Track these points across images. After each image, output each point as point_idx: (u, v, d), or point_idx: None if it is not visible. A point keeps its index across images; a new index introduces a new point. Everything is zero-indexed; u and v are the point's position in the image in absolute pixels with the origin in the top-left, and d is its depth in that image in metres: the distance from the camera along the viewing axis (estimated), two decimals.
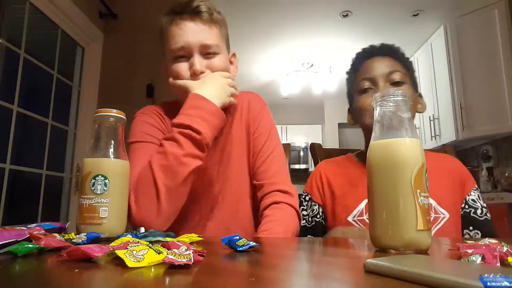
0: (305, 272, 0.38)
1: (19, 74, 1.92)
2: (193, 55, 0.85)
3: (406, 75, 0.92)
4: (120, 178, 0.61)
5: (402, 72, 0.91)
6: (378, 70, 0.91)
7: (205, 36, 0.85)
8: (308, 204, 0.99)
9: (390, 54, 0.94)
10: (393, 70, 0.90)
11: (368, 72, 0.92)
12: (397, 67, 0.91)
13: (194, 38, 0.84)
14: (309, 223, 0.97)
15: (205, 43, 0.85)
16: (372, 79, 0.91)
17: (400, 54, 0.96)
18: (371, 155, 0.51)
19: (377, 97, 0.52)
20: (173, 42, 0.85)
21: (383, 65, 0.91)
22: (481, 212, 0.90)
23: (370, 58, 0.94)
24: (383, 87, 0.89)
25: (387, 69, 0.90)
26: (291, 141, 6.16)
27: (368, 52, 0.97)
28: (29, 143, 2.14)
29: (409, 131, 0.49)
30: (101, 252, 0.36)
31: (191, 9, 0.85)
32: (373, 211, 0.49)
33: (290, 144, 1.29)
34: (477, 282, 0.23)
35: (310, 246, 0.60)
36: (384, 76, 0.90)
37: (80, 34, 2.42)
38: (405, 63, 0.95)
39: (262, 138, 0.93)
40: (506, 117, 2.93)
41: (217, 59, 0.87)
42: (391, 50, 0.96)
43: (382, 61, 0.92)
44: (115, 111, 0.64)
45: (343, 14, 3.42)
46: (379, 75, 0.90)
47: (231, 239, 0.46)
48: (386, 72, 0.90)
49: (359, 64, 0.96)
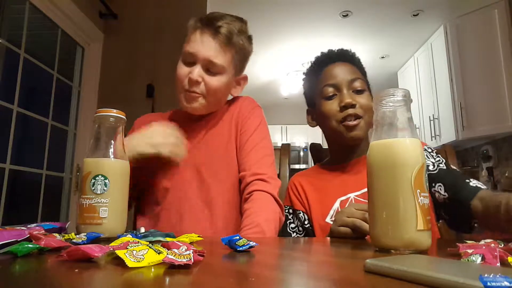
0: (305, 272, 0.38)
1: (19, 74, 1.92)
2: (196, 65, 0.90)
3: (365, 83, 0.97)
4: (120, 178, 0.61)
5: (362, 79, 0.95)
6: (341, 76, 0.94)
7: (214, 54, 0.89)
8: (293, 216, 1.00)
9: (350, 61, 0.99)
10: (355, 77, 0.94)
11: (332, 78, 0.95)
12: (358, 75, 0.96)
13: (203, 51, 0.89)
14: (300, 233, 0.98)
15: (211, 60, 0.89)
16: (335, 85, 0.94)
17: (358, 61, 1.01)
18: (371, 155, 0.51)
19: (377, 97, 0.52)
20: (188, 45, 0.92)
21: (345, 72, 0.95)
22: (433, 167, 0.90)
23: (332, 64, 0.97)
24: (347, 95, 0.92)
25: (349, 75, 0.94)
26: (291, 141, 6.16)
27: (329, 57, 1.00)
28: (29, 143, 2.14)
29: (409, 131, 0.49)
30: (101, 252, 0.36)
31: (214, 27, 0.90)
32: (373, 211, 0.49)
33: (290, 144, 1.29)
34: (477, 282, 0.23)
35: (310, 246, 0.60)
36: (347, 83, 0.94)
37: (80, 34, 2.42)
38: (363, 70, 1.00)
39: (248, 133, 0.95)
40: (506, 117, 2.93)
41: (217, 78, 0.91)
42: (351, 57, 1.00)
43: (343, 67, 0.96)
44: (115, 111, 0.64)
45: (343, 14, 3.42)
46: (343, 81, 0.94)
47: (231, 239, 0.46)
48: (348, 79, 0.94)
49: (321, 69, 0.99)
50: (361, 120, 0.92)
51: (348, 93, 0.93)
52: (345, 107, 0.91)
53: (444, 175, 0.88)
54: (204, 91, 0.91)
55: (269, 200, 0.85)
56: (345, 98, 0.92)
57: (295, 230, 0.99)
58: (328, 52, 1.02)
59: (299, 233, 0.98)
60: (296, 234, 0.98)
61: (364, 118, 0.92)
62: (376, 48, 4.16)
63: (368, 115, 0.93)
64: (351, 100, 0.91)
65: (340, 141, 0.95)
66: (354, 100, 0.92)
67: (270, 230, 0.80)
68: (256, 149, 0.93)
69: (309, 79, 1.06)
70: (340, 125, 0.92)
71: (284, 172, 1.19)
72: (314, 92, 1.01)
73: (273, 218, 0.84)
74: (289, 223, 1.00)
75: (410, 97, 0.51)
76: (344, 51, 1.01)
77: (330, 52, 1.02)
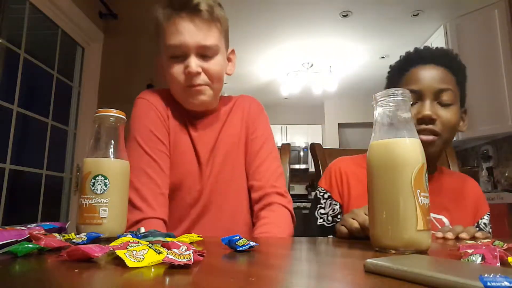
0: (305, 272, 0.38)
1: (19, 74, 1.92)
2: (189, 55, 0.82)
3: (457, 94, 0.83)
4: (120, 178, 0.61)
5: (454, 91, 0.81)
6: (428, 83, 0.80)
7: (204, 37, 0.82)
8: (327, 203, 0.93)
9: (445, 64, 0.83)
10: (445, 88, 0.80)
11: (417, 82, 0.81)
12: (450, 84, 0.81)
13: (191, 39, 0.81)
14: (328, 222, 0.91)
15: (203, 44, 0.82)
16: (419, 91, 0.81)
17: (456, 65, 0.85)
18: (371, 155, 0.51)
19: (377, 97, 0.52)
20: (169, 39, 0.82)
21: (434, 78, 0.81)
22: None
23: (422, 65, 0.83)
24: (429, 106, 0.79)
25: (438, 84, 0.80)
26: (291, 141, 6.16)
27: (421, 56, 0.86)
28: (29, 143, 2.14)
29: (409, 131, 0.49)
30: (101, 252, 0.36)
31: (191, 7, 0.80)
32: (373, 211, 0.49)
33: (290, 144, 1.29)
34: (477, 282, 0.23)
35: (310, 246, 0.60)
36: (434, 93, 0.80)
37: (80, 34, 2.42)
38: (460, 77, 0.85)
39: (260, 140, 0.93)
40: (506, 117, 2.93)
41: (214, 61, 0.85)
42: (448, 60, 0.85)
43: (434, 72, 0.82)
44: (115, 111, 0.64)
45: (343, 14, 3.42)
46: (428, 90, 0.80)
47: (231, 239, 0.46)
48: (436, 88, 0.80)
49: (407, 69, 0.86)
50: (437, 138, 0.80)
51: (431, 104, 0.79)
52: (422, 119, 0.79)
53: None
54: (207, 80, 0.84)
55: (287, 218, 0.87)
56: (425, 110, 0.78)
57: (324, 217, 0.91)
58: (422, 49, 0.87)
59: (327, 222, 0.91)
60: (324, 222, 0.91)
61: (441, 137, 0.80)
62: (376, 48, 4.16)
63: (449, 132, 0.80)
64: (431, 114, 0.78)
65: None
66: (436, 113, 0.79)
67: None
68: (270, 159, 0.92)
69: (392, 75, 0.91)
70: None
71: (284, 172, 1.19)
72: None
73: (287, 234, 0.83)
74: (319, 207, 0.92)
75: (410, 97, 0.51)
76: (442, 52, 0.86)
77: (425, 50, 0.86)
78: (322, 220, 0.92)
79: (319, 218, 0.92)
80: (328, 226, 0.91)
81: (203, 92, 0.84)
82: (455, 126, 0.83)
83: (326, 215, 0.92)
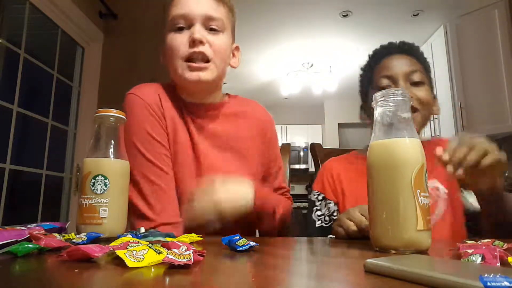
0: (305, 272, 0.38)
1: (19, 74, 1.92)
2: (195, 25, 0.79)
3: (425, 76, 0.91)
4: (120, 178, 0.61)
5: (421, 72, 0.89)
6: (398, 68, 0.89)
7: (211, 8, 0.80)
8: (322, 204, 0.96)
9: (410, 53, 0.92)
10: (414, 69, 0.88)
11: (388, 69, 0.90)
12: (417, 67, 0.90)
13: (198, 8, 0.79)
14: (326, 222, 0.93)
15: (209, 14, 0.80)
16: (391, 77, 0.89)
17: (420, 53, 0.95)
18: (371, 155, 0.51)
19: (377, 97, 0.52)
20: (174, 8, 0.80)
21: (403, 64, 0.89)
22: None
23: (390, 56, 0.92)
24: (403, 86, 0.86)
25: (407, 68, 0.88)
26: (291, 141, 6.16)
27: (387, 49, 0.95)
28: (29, 143, 2.14)
29: (409, 131, 0.49)
30: (101, 252, 0.36)
31: None
32: (373, 211, 0.49)
33: (290, 144, 1.29)
34: (477, 282, 0.23)
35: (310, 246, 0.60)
36: (405, 75, 0.88)
37: (80, 34, 2.42)
38: (424, 63, 0.93)
39: (275, 148, 1.00)
40: (506, 117, 2.93)
41: (221, 37, 0.82)
42: (411, 49, 0.94)
43: (402, 59, 0.90)
44: (115, 111, 0.64)
45: (343, 14, 3.42)
46: (400, 73, 0.88)
47: (231, 239, 0.46)
48: (407, 71, 0.88)
49: (377, 61, 0.94)
50: (416, 114, 0.87)
51: (405, 86, 0.87)
52: None
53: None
54: (210, 53, 0.80)
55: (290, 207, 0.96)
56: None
57: (321, 218, 0.95)
58: (387, 44, 0.97)
59: (325, 223, 0.93)
60: (322, 223, 0.94)
61: (420, 112, 0.87)
62: None
63: (425, 109, 0.88)
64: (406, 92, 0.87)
65: None
66: (411, 92, 0.85)
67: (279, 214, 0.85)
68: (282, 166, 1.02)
69: (365, 73, 1.00)
70: None
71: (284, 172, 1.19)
72: (369, 85, 0.96)
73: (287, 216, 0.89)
74: (315, 209, 0.96)
75: (410, 97, 0.51)
76: (405, 43, 0.95)
77: (390, 44, 0.96)
78: (320, 221, 0.94)
79: (317, 220, 0.94)
80: (326, 226, 0.93)
81: (202, 69, 0.80)
82: (430, 103, 0.90)
83: (323, 216, 0.95)
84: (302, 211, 4.85)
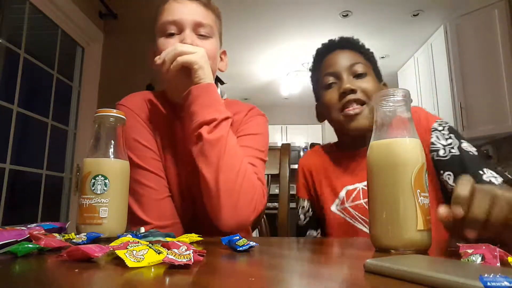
0: (305, 272, 0.38)
1: (19, 74, 1.91)
2: (185, 30, 0.82)
3: (368, 67, 0.92)
4: (120, 178, 0.61)
5: (363, 63, 0.91)
6: (340, 63, 0.90)
7: (200, 15, 0.84)
8: (299, 206, 1.00)
9: (349, 47, 0.94)
10: (355, 62, 0.89)
11: (331, 67, 0.91)
12: (358, 59, 0.91)
13: (188, 15, 0.82)
14: (301, 221, 0.98)
15: (199, 20, 0.83)
16: (335, 73, 0.90)
17: (359, 46, 0.96)
18: (371, 155, 0.51)
19: (377, 97, 0.52)
20: (165, 15, 0.83)
21: (344, 58, 0.91)
22: (444, 152, 0.81)
23: (331, 53, 0.94)
24: (346, 80, 0.87)
25: (348, 61, 0.90)
26: (291, 141, 6.15)
27: (328, 47, 0.97)
28: (29, 143, 2.14)
29: (409, 131, 0.49)
30: (101, 252, 0.36)
31: None
32: (373, 211, 0.49)
33: (290, 144, 1.28)
34: (477, 282, 0.23)
35: (310, 246, 0.60)
36: (346, 68, 0.89)
37: (80, 34, 2.42)
38: (366, 54, 0.95)
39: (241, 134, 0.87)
40: (506, 117, 2.93)
41: (209, 42, 0.84)
42: (350, 43, 0.96)
43: (342, 54, 0.92)
44: (115, 111, 0.64)
45: (343, 14, 3.42)
46: (342, 68, 0.89)
47: (231, 239, 0.46)
48: (347, 64, 0.89)
49: (321, 60, 0.96)
50: (364, 107, 0.86)
51: (348, 79, 0.88)
52: (344, 93, 0.86)
53: (455, 163, 0.78)
54: None
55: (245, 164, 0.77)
56: (344, 84, 0.87)
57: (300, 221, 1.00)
58: (327, 42, 0.98)
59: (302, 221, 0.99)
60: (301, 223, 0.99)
61: (368, 105, 0.86)
62: (376, 48, 4.14)
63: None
64: (350, 85, 0.86)
65: (345, 132, 0.90)
66: (354, 85, 0.86)
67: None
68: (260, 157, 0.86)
69: (313, 74, 1.03)
70: (341, 114, 0.87)
71: (284, 172, 1.19)
72: (317, 85, 0.98)
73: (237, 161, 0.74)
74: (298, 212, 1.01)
75: (410, 97, 0.51)
76: (344, 39, 0.97)
77: (329, 42, 0.98)
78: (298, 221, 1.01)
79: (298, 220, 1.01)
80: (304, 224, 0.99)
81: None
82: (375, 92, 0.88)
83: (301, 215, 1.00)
84: None
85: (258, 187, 0.76)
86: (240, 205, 0.71)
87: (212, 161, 0.71)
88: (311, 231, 0.99)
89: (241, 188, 0.72)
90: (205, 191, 0.73)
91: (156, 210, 0.79)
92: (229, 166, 0.72)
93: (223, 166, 0.71)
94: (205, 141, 0.71)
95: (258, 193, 0.76)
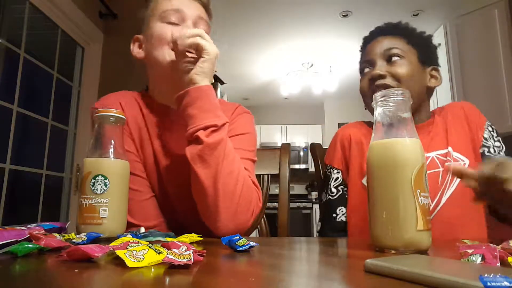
0: (305, 272, 0.38)
1: (19, 74, 1.91)
2: (186, 22, 0.82)
3: (410, 51, 0.87)
4: (120, 178, 0.61)
5: (402, 48, 0.87)
6: (375, 50, 0.88)
7: (201, 11, 0.85)
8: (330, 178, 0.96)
9: (392, 33, 0.91)
10: (391, 46, 0.87)
11: (367, 54, 0.91)
12: (396, 44, 0.87)
13: (191, 9, 0.83)
14: (333, 195, 0.94)
15: (201, 16, 0.84)
16: (369, 60, 0.89)
17: (403, 30, 0.91)
18: (371, 155, 0.51)
19: (377, 97, 0.52)
20: (166, 3, 0.83)
21: (381, 45, 0.89)
22: (494, 151, 0.84)
23: (372, 41, 0.92)
24: (378, 66, 0.86)
25: (384, 47, 0.88)
26: (291, 141, 6.15)
27: (371, 34, 0.95)
28: (29, 143, 2.14)
29: (409, 131, 0.49)
30: (101, 252, 0.36)
31: None
32: (373, 211, 0.49)
33: (290, 144, 1.28)
34: (477, 282, 0.23)
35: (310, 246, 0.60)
36: (381, 54, 0.87)
37: (80, 34, 2.42)
38: (410, 39, 0.90)
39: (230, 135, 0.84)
40: (506, 117, 2.93)
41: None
42: (394, 28, 0.92)
43: (381, 41, 0.89)
44: (115, 111, 0.64)
45: (343, 14, 3.42)
46: (376, 54, 0.88)
47: (231, 239, 0.46)
48: (382, 50, 0.87)
49: (363, 48, 0.95)
50: None
51: (380, 65, 0.85)
52: (372, 79, 0.84)
53: None
54: None
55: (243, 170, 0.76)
56: (374, 70, 0.85)
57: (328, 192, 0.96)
58: (374, 29, 0.95)
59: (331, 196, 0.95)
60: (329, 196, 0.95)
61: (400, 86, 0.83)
62: None
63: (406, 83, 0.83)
64: (378, 71, 0.84)
65: None
66: (383, 70, 0.84)
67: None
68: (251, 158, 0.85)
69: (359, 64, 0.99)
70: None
71: (284, 172, 1.19)
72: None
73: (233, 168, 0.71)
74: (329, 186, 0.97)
75: (410, 97, 0.51)
76: (389, 24, 0.93)
77: (375, 29, 0.94)
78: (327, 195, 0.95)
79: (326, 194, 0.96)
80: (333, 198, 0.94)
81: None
82: (411, 77, 0.85)
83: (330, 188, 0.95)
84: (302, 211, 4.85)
85: (254, 191, 0.76)
86: (239, 209, 0.70)
87: (211, 165, 0.69)
88: (342, 207, 0.93)
89: (241, 193, 0.71)
90: (201, 195, 0.71)
91: (141, 211, 0.77)
92: (228, 170, 0.70)
93: (222, 170, 0.69)
94: (205, 144, 0.69)
95: (255, 197, 0.75)
